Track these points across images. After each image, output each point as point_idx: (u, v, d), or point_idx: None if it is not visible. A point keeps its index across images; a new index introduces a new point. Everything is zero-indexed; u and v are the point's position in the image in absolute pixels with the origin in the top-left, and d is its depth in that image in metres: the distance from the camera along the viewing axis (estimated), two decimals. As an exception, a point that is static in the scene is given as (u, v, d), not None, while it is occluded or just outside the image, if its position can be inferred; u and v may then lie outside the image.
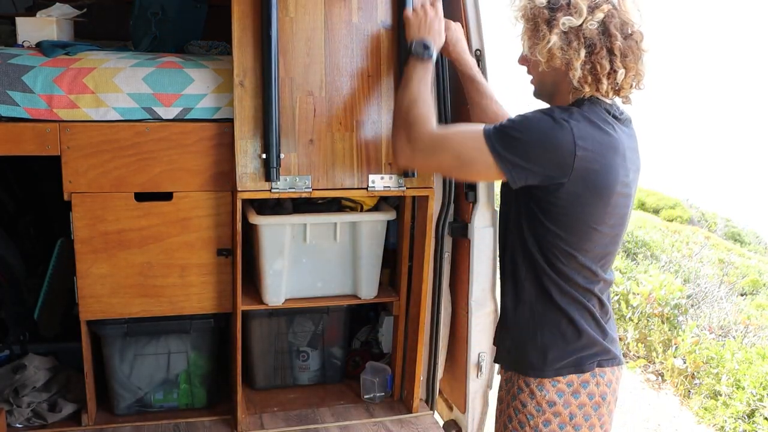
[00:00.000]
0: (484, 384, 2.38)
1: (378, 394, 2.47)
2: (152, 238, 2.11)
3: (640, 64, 1.48)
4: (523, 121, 1.44)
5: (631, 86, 1.50)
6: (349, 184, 2.11)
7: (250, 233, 2.21)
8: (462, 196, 2.30)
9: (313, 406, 2.43)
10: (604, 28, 1.44)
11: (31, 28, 2.18)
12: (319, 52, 2.09)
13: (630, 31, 1.46)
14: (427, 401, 2.49)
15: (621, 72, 1.45)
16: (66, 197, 2.03)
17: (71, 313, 2.37)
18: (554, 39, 1.45)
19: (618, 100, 1.53)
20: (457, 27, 1.97)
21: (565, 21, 1.44)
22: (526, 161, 1.41)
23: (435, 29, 1.86)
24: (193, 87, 2.04)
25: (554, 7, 1.46)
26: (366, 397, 2.48)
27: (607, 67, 1.44)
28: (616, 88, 1.47)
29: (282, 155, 2.04)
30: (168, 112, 2.05)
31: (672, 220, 12.10)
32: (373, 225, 2.24)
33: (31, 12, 2.57)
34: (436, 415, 2.50)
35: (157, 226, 2.10)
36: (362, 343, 2.71)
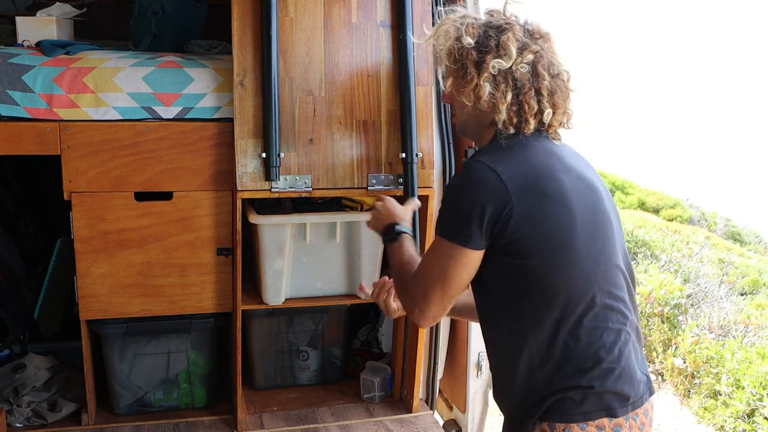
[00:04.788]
0: (484, 384, 2.38)
1: (378, 394, 2.47)
2: (152, 237, 2.11)
3: (568, 103, 1.49)
4: (446, 191, 1.45)
5: (561, 124, 1.50)
6: (349, 183, 2.11)
7: (250, 233, 2.20)
8: (462, 195, 2.30)
9: (313, 405, 2.43)
10: (533, 68, 1.44)
11: (31, 28, 2.18)
12: (318, 51, 2.09)
13: (557, 71, 1.47)
14: (427, 401, 2.49)
15: (548, 112, 1.45)
16: (66, 197, 2.03)
17: (71, 313, 2.37)
18: (482, 82, 1.43)
19: None
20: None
21: (495, 64, 1.42)
22: (472, 215, 1.36)
23: (393, 212, 1.78)
24: (193, 86, 2.04)
25: (483, 49, 1.44)
26: (366, 396, 2.48)
27: (535, 107, 1.44)
28: (543, 126, 1.47)
29: (282, 155, 2.04)
30: (168, 112, 2.05)
31: (672, 220, 12.11)
32: (373, 224, 2.23)
33: (31, 11, 2.58)
34: (436, 415, 2.50)
35: (157, 225, 2.10)
36: (362, 343, 2.71)
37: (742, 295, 7.13)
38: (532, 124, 1.44)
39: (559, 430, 1.36)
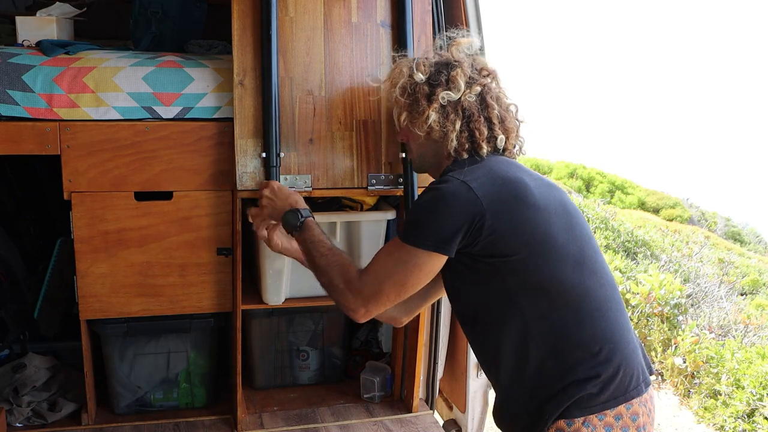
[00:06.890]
0: (484, 383, 2.38)
1: (378, 394, 2.47)
2: (152, 237, 2.11)
3: (519, 131, 1.61)
4: (418, 203, 1.49)
5: (515, 147, 1.60)
6: (349, 183, 2.11)
7: (250, 233, 2.20)
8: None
9: (313, 405, 2.43)
10: (482, 99, 1.56)
11: (31, 27, 2.18)
12: (318, 51, 2.09)
13: (506, 104, 1.59)
14: (427, 401, 2.49)
15: (501, 138, 1.55)
16: (66, 196, 2.03)
17: (71, 313, 2.37)
18: (432, 113, 1.54)
19: None
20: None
21: (444, 95, 1.54)
22: (444, 226, 1.41)
23: (286, 198, 1.81)
24: (193, 86, 2.04)
25: (434, 83, 1.56)
26: (366, 396, 2.48)
27: (485, 132, 1.53)
28: (498, 152, 1.57)
29: (282, 154, 2.04)
30: (168, 112, 2.05)
31: (672, 220, 12.12)
32: (373, 224, 2.23)
33: (31, 11, 2.57)
34: (436, 415, 2.50)
35: (156, 225, 2.10)
36: (362, 342, 2.71)
37: (742, 295, 7.14)
38: (485, 149, 1.54)
39: (577, 425, 1.38)
